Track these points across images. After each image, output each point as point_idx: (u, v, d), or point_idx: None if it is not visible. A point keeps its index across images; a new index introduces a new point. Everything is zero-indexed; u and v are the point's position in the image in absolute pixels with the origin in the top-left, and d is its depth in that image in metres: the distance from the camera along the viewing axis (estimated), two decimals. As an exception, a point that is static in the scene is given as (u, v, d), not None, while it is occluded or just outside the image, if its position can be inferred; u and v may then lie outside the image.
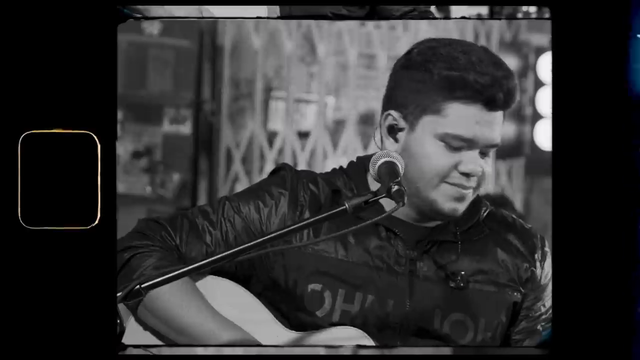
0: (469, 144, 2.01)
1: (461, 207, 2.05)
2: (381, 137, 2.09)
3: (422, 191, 2.03)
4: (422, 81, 2.02)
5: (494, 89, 1.99)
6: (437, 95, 2.01)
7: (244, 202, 2.11)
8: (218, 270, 2.06)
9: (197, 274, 2.02)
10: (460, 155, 2.02)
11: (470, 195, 2.05)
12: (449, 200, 2.04)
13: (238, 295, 2.07)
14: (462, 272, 2.07)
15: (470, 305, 2.07)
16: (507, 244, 2.13)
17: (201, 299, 2.05)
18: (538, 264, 2.13)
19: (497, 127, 2.03)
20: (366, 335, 2.02)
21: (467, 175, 2.02)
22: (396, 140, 2.06)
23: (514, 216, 2.19)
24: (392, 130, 2.07)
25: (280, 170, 2.16)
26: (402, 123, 2.05)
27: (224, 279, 2.08)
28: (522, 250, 2.13)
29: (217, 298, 2.06)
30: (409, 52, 2.08)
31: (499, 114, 2.03)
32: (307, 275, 2.06)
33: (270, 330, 2.04)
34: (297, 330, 2.05)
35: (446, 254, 2.08)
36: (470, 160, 2.02)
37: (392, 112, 2.06)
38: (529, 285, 2.12)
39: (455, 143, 2.01)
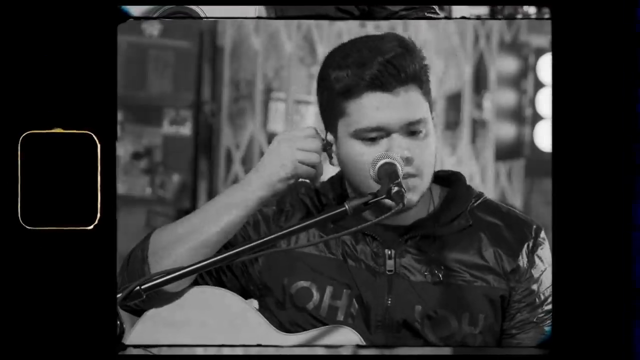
0: (381, 131, 1.99)
1: (414, 197, 2.01)
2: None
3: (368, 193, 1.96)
4: (326, 88, 2.04)
5: (373, 72, 1.96)
6: (336, 97, 2.01)
7: None
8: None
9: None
10: (382, 146, 1.99)
11: (416, 181, 2.00)
12: None
13: (231, 301, 2.08)
14: (441, 267, 2.06)
15: (452, 299, 2.05)
16: (495, 235, 2.09)
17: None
18: (525, 255, 2.08)
19: (409, 103, 1.99)
20: (357, 334, 2.02)
21: None
22: (331, 157, 2.07)
23: (509, 207, 2.15)
24: (329, 149, 2.07)
25: None
26: (330, 138, 2.06)
27: (214, 287, 2.10)
28: (509, 241, 2.09)
29: (211, 305, 2.07)
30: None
31: (406, 89, 1.99)
32: (295, 273, 2.08)
33: (265, 334, 2.04)
34: (289, 330, 2.07)
35: (426, 249, 2.07)
36: (393, 147, 1.99)
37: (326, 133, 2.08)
38: (514, 277, 2.07)
39: (368, 135, 1.99)
